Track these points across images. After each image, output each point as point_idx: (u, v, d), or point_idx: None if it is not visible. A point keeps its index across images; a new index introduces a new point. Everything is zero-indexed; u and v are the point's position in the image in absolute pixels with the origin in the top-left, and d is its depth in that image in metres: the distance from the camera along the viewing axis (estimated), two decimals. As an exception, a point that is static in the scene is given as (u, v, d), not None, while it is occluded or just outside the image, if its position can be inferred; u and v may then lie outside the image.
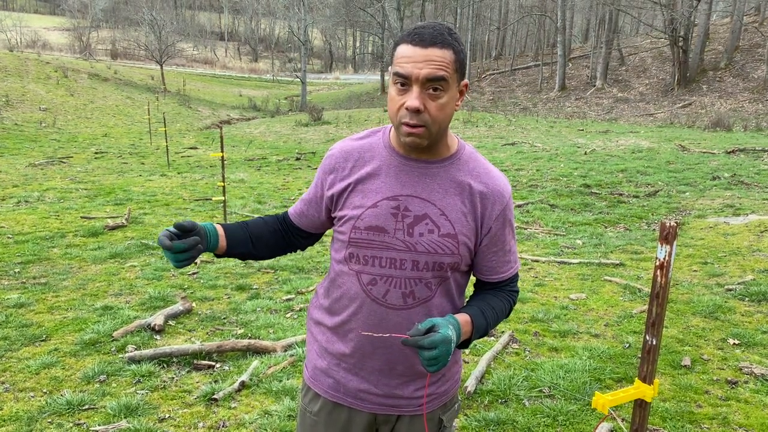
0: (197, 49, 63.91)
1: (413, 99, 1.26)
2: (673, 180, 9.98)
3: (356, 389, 1.47)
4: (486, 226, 1.40)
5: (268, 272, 5.63)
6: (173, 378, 3.47)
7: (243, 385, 3.33)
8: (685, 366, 3.65)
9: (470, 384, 3.32)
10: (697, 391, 3.34)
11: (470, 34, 39.73)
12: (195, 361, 3.64)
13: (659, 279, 1.68)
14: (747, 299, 4.77)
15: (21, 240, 6.42)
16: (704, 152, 12.46)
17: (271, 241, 1.57)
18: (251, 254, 1.55)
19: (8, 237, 6.53)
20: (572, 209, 8.48)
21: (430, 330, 1.21)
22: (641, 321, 4.35)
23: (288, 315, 4.53)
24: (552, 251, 6.40)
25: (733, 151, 12.27)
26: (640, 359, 1.77)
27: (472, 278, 1.53)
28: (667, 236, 1.64)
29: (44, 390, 3.28)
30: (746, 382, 3.45)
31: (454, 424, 2.97)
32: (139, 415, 3.03)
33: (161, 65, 36.29)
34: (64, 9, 69.52)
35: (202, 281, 5.30)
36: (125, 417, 3.01)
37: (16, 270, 5.44)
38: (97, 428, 2.91)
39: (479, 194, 1.39)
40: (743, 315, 4.47)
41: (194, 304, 4.64)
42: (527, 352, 3.88)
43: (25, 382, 3.36)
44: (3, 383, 3.34)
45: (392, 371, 1.44)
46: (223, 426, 2.97)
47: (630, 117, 22.76)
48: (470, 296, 1.52)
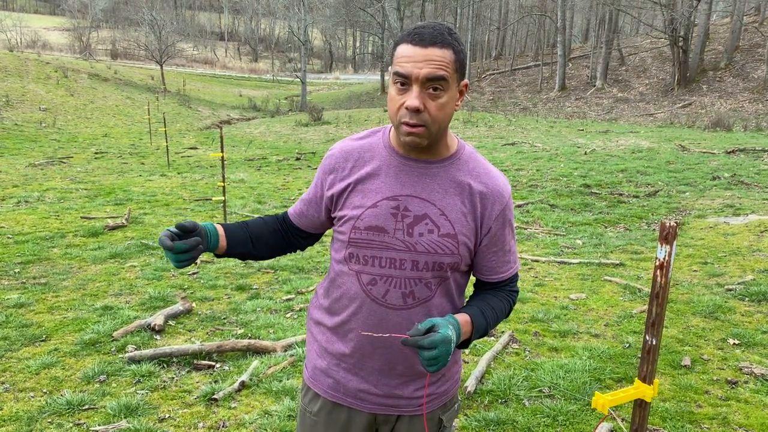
0: (197, 49, 63.92)
1: (413, 98, 1.26)
2: (673, 180, 9.98)
3: (356, 389, 1.47)
4: (486, 226, 1.40)
5: (268, 272, 5.64)
6: (173, 378, 3.47)
7: (243, 385, 3.33)
8: (685, 366, 3.65)
9: (470, 384, 3.32)
10: (697, 391, 3.34)
11: (470, 34, 39.73)
12: (195, 361, 3.64)
13: (659, 279, 1.68)
14: (747, 299, 4.77)
15: (21, 240, 6.43)
16: (704, 152, 12.46)
17: (271, 241, 1.57)
18: (251, 254, 1.55)
19: (8, 237, 6.54)
20: (572, 209, 8.48)
21: (430, 330, 1.21)
22: (641, 321, 4.35)
23: (288, 315, 4.53)
24: (552, 251, 6.40)
25: (733, 151, 12.27)
26: (640, 359, 1.77)
27: (472, 278, 1.53)
28: (667, 236, 1.64)
29: (44, 390, 3.28)
30: (746, 382, 3.45)
31: (454, 424, 2.97)
32: (139, 415, 3.03)
33: (161, 65, 36.30)
34: (64, 9, 69.54)
35: (202, 281, 5.30)
36: (125, 417, 3.01)
37: (16, 270, 5.44)
38: (97, 428, 2.91)
39: (479, 194, 1.39)
40: (743, 315, 4.47)
41: (194, 304, 4.65)
42: (527, 352, 3.88)
43: (25, 382, 3.36)
44: (3, 383, 3.35)
45: (392, 371, 1.44)
46: (223, 426, 2.98)
47: (630, 117, 22.76)
48: (470, 296, 1.52)
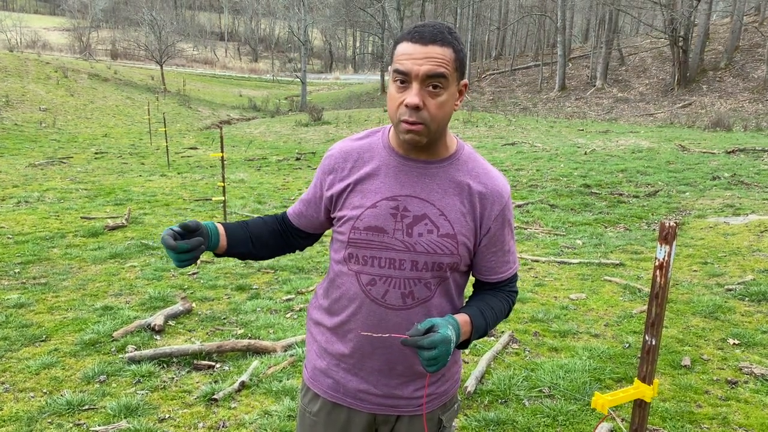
0: (197, 49, 63.92)
1: (413, 96, 1.26)
2: (673, 180, 9.98)
3: (356, 389, 1.47)
4: (485, 227, 1.40)
5: (268, 272, 5.64)
6: (173, 378, 3.47)
7: (243, 386, 3.33)
8: (685, 366, 3.65)
9: (470, 384, 3.32)
10: (697, 391, 3.34)
11: (470, 34, 39.72)
12: (195, 362, 3.64)
13: (659, 279, 1.68)
14: (747, 299, 4.77)
15: (21, 240, 6.43)
16: (704, 152, 12.46)
17: (271, 241, 1.57)
18: (251, 254, 1.55)
19: (8, 237, 6.54)
20: (572, 209, 8.48)
21: (430, 330, 1.21)
22: (641, 321, 4.35)
23: (288, 315, 4.53)
24: (552, 251, 6.40)
25: (733, 151, 12.27)
26: (640, 359, 1.77)
27: (472, 278, 1.53)
28: (667, 236, 1.64)
29: (44, 390, 3.28)
30: (746, 382, 3.45)
31: (454, 424, 2.97)
32: (139, 416, 3.03)
33: (161, 65, 36.30)
34: (64, 9, 69.55)
35: (202, 281, 5.30)
36: (125, 417, 3.01)
37: (16, 270, 5.44)
38: (97, 428, 2.91)
39: (478, 194, 1.38)
40: (743, 315, 4.47)
41: (194, 305, 4.65)
42: (527, 352, 3.88)
43: (25, 383, 3.36)
44: (3, 383, 3.35)
45: (392, 371, 1.44)
46: (223, 426, 2.98)
47: (630, 117, 22.76)
48: (469, 297, 1.52)
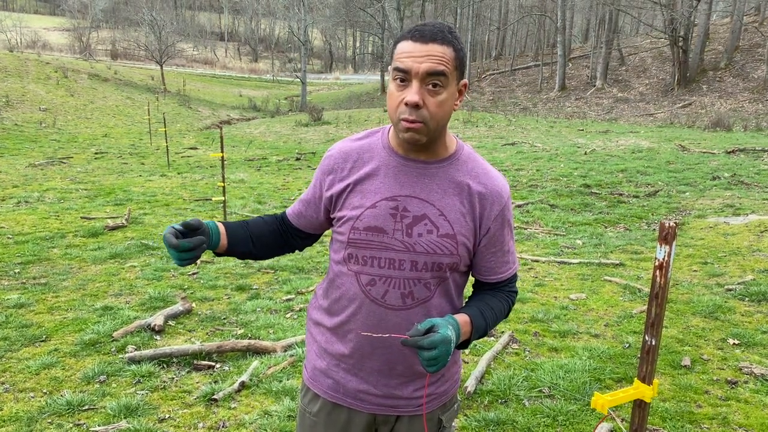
0: (197, 50, 63.91)
1: (413, 93, 1.26)
2: (673, 180, 9.98)
3: (355, 390, 1.47)
4: (485, 227, 1.40)
5: (268, 272, 5.63)
6: (173, 378, 3.47)
7: (243, 386, 3.33)
8: (685, 366, 3.65)
9: (470, 384, 3.32)
10: (697, 391, 3.34)
11: (470, 34, 39.72)
12: (195, 362, 3.64)
13: (658, 279, 1.68)
14: (747, 299, 4.77)
15: (21, 240, 6.43)
16: (704, 152, 12.46)
17: (270, 241, 1.57)
18: (251, 253, 1.54)
19: (8, 237, 6.54)
20: (572, 209, 8.48)
21: (430, 330, 1.21)
22: (641, 321, 4.35)
23: (288, 315, 4.53)
24: (552, 251, 6.40)
25: (733, 151, 12.27)
26: (640, 359, 1.77)
27: (471, 279, 1.53)
28: (667, 236, 1.64)
29: (44, 390, 3.28)
30: (746, 382, 3.45)
31: (454, 424, 2.97)
32: (139, 416, 3.03)
33: (161, 65, 36.30)
34: (64, 9, 69.56)
35: (202, 281, 5.30)
36: (125, 417, 3.01)
37: (16, 270, 5.44)
38: (97, 428, 2.91)
39: (478, 195, 1.38)
40: (743, 315, 4.47)
41: (194, 305, 4.65)
42: (527, 352, 3.88)
43: (25, 383, 3.36)
44: (3, 383, 3.35)
45: (391, 372, 1.44)
46: (223, 426, 2.98)
47: (630, 117, 22.76)
48: (469, 297, 1.52)
